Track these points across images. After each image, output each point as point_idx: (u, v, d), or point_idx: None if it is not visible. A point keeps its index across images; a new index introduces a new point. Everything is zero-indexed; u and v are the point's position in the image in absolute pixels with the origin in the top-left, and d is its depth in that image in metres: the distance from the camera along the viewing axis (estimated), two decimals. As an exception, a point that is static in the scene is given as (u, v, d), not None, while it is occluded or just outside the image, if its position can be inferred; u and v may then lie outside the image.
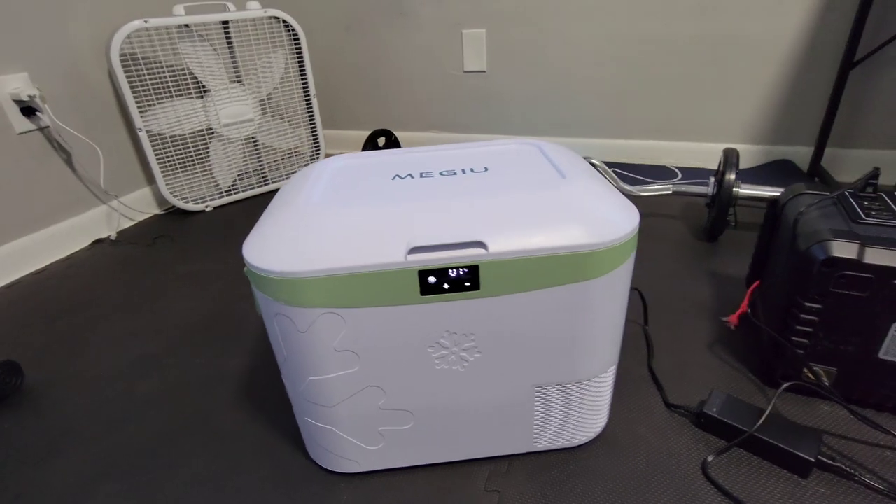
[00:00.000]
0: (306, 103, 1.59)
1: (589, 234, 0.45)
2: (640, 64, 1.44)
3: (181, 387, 0.77)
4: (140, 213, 1.45)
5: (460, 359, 0.50)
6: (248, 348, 0.84)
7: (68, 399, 0.76)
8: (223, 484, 0.59)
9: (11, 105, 1.13)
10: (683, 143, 1.50)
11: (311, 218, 0.48)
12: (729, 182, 0.98)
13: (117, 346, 0.88)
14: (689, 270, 0.97)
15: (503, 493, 0.56)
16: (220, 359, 0.82)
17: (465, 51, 1.60)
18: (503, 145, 0.66)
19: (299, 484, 0.59)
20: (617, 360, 0.58)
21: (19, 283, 1.13)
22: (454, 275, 0.45)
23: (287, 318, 0.47)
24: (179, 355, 0.84)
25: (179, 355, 0.84)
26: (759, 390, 0.68)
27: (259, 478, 0.60)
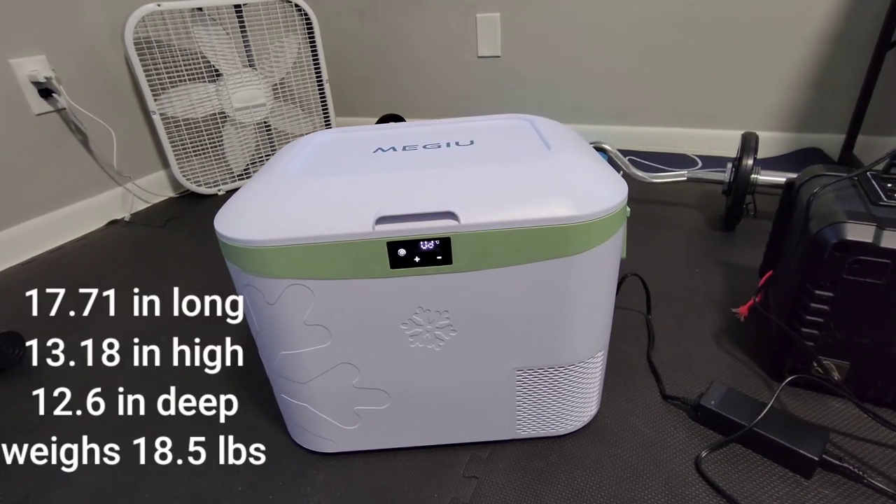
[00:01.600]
0: (319, 89, 1.58)
1: (570, 207, 0.43)
2: (660, 47, 1.38)
3: (175, 362, 0.77)
4: (155, 196, 1.47)
5: (435, 337, 0.48)
6: (244, 326, 0.84)
7: (66, 372, 0.77)
8: (200, 457, 0.59)
9: (30, 87, 1.15)
10: (704, 131, 1.43)
11: (281, 189, 0.46)
12: (746, 168, 0.93)
13: (119, 323, 0.89)
14: (701, 260, 0.93)
15: (482, 480, 0.54)
16: (217, 336, 0.82)
17: (479, 35, 1.57)
18: (495, 120, 0.63)
19: (276, 461, 0.58)
20: (606, 345, 0.55)
21: (35, 260, 1.17)
22: (425, 247, 0.43)
23: (256, 290, 0.46)
24: (178, 332, 0.85)
25: (178, 332, 0.85)
26: (766, 385, 0.64)
27: (235, 453, 0.59)
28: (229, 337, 0.81)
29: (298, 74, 1.53)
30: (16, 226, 1.16)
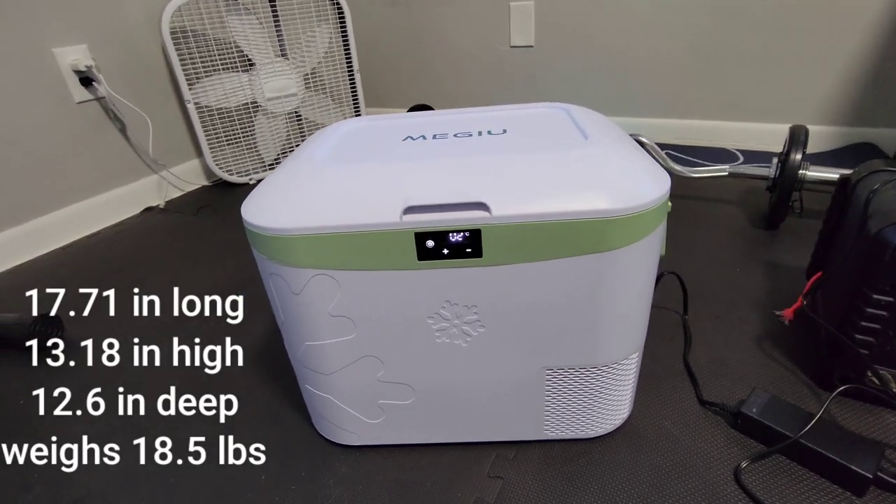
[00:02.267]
0: (350, 79, 1.58)
1: (609, 200, 0.40)
2: (704, 35, 1.32)
3: (202, 347, 0.78)
4: (188, 184, 1.50)
5: (463, 332, 0.47)
6: (270, 315, 0.84)
7: (101, 353, 0.79)
8: (223, 445, 0.59)
9: (71, 75, 1.18)
10: (746, 124, 1.37)
11: (307, 177, 0.45)
12: (794, 162, 0.88)
13: (152, 305, 0.91)
14: (742, 259, 0.88)
15: (507, 481, 0.52)
16: (244, 323, 0.83)
17: (513, 25, 1.53)
18: (530, 109, 0.61)
19: (298, 451, 0.58)
20: (641, 346, 0.52)
21: (74, 244, 1.20)
22: (454, 239, 0.41)
23: (281, 279, 0.45)
24: (206, 317, 0.86)
25: (206, 317, 0.86)
26: (813, 394, 0.60)
27: (258, 441, 0.59)
28: (255, 324, 0.81)
29: (330, 64, 1.53)
30: (57, 211, 1.20)
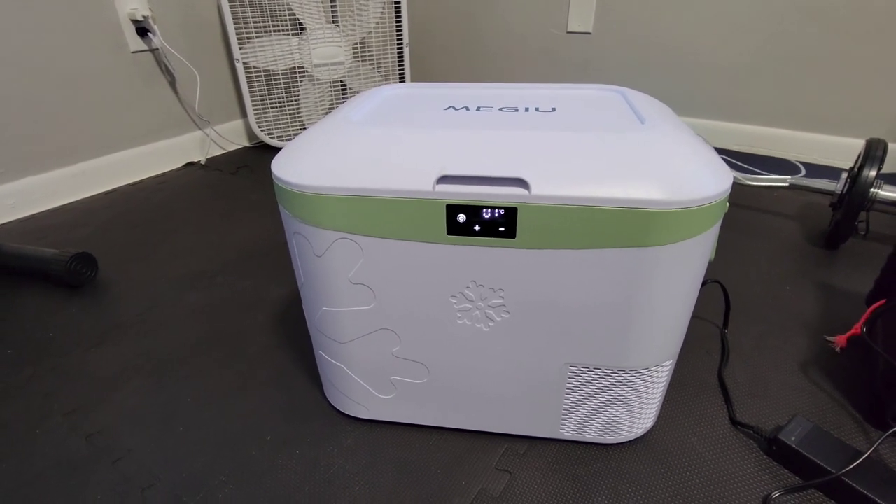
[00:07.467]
0: (398, 52, 1.55)
1: (662, 189, 0.36)
2: (779, 35, 1.23)
3: (225, 304, 0.78)
4: (230, 143, 1.52)
5: (486, 316, 0.44)
6: (294, 279, 0.84)
7: (129, 297, 0.81)
8: (235, 403, 0.59)
9: (129, 24, 1.20)
10: (813, 135, 1.27)
11: (341, 136, 0.43)
12: (866, 179, 0.80)
13: (181, 258, 0.92)
14: (794, 277, 0.82)
15: (515, 475, 0.50)
16: (268, 284, 0.83)
17: (571, 9, 1.47)
18: (583, 90, 0.57)
19: (306, 418, 0.57)
20: (676, 354, 0.48)
21: (116, 191, 1.23)
22: (487, 216, 0.39)
23: (304, 239, 0.44)
24: (232, 275, 0.86)
25: (232, 275, 0.86)
26: (861, 430, 0.55)
27: (270, 405, 0.59)
28: (279, 287, 0.81)
29: (379, 36, 1.50)
30: (104, 156, 1.23)
